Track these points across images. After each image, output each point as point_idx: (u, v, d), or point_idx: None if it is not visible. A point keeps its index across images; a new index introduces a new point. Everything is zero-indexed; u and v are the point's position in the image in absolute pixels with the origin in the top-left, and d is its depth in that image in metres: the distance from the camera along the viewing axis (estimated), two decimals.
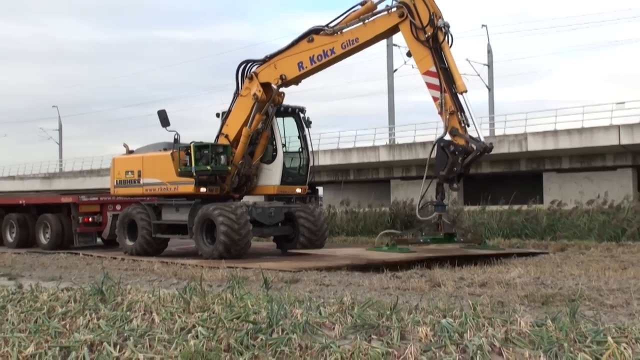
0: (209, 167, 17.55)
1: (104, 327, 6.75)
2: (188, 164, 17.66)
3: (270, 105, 17.82)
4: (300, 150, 18.80)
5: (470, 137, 15.25)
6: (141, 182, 19.04)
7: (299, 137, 18.79)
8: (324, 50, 16.84)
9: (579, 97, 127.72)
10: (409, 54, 16.08)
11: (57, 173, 75.54)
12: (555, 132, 41.24)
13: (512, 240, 20.22)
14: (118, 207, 21.24)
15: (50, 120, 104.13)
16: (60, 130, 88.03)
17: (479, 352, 5.48)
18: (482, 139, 15.27)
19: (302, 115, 18.69)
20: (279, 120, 18.52)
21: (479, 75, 57.71)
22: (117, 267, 15.73)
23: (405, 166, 48.62)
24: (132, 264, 16.48)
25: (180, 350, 5.79)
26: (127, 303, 8.08)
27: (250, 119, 17.78)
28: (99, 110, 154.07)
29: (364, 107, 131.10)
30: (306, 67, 17.16)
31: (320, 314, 7.17)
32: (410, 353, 5.52)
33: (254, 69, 17.88)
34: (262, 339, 6.06)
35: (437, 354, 5.58)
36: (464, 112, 15.53)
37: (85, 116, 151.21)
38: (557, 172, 43.58)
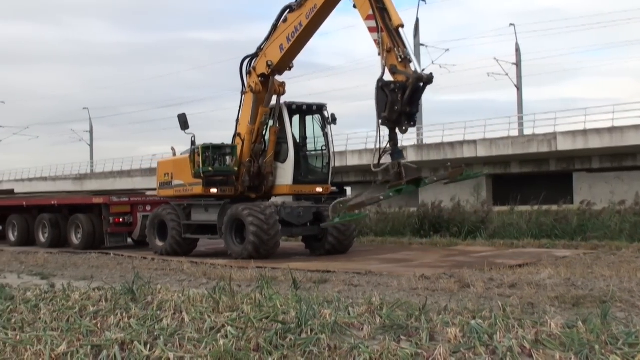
0: (210, 169, 17.79)
1: (135, 326, 6.81)
2: (198, 165, 17.95)
3: (268, 96, 17.83)
4: (323, 149, 18.68)
5: (414, 72, 14.51)
6: (172, 184, 19.31)
7: (322, 135, 18.69)
8: (295, 26, 16.90)
9: (609, 95, 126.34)
10: (354, 6, 15.77)
11: (89, 174, 76.32)
12: (585, 132, 40.88)
13: (542, 241, 20.01)
14: (148, 207, 21.39)
15: (81, 122, 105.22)
16: (91, 131, 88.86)
17: (508, 353, 5.45)
18: (420, 71, 14.55)
19: (324, 112, 18.52)
20: (297, 118, 18.55)
21: (507, 74, 57.36)
22: (147, 267, 15.85)
23: (434, 167, 48.43)
24: (162, 264, 16.59)
25: (210, 349, 5.83)
26: (158, 302, 8.15)
27: (251, 114, 17.86)
28: (130, 111, 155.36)
29: None
30: (285, 48, 17.20)
31: (349, 314, 7.18)
32: (440, 354, 5.51)
33: (252, 63, 18.00)
34: (291, 339, 6.08)
35: (467, 355, 5.56)
36: (405, 48, 14.92)
37: (116, 117, 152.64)
38: (587, 172, 43.20)
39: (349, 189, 52.16)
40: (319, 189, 18.38)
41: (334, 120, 18.47)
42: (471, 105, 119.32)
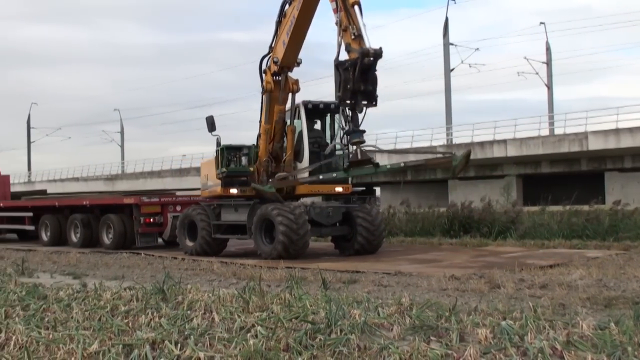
0: (225, 169, 18.15)
1: (166, 326, 6.87)
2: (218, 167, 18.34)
3: (282, 94, 17.94)
4: (343, 148, 18.09)
5: (361, 47, 14.49)
6: (207, 184, 19.54)
7: (343, 135, 18.39)
8: (290, 20, 17.05)
9: None
10: None
11: (119, 174, 77.07)
12: (617, 131, 40.47)
13: (573, 242, 19.83)
14: (178, 208, 21.53)
15: (112, 123, 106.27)
16: (122, 132, 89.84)
17: (539, 355, 5.41)
18: (369, 47, 14.51)
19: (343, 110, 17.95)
20: (316, 117, 18.47)
21: (537, 73, 57.05)
22: (177, 267, 15.95)
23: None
24: (192, 263, 16.68)
25: (240, 349, 5.86)
26: (188, 302, 8.21)
27: (265, 113, 18.05)
28: (160, 112, 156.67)
29: (421, 107, 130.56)
30: (286, 43, 17.30)
31: (379, 314, 7.17)
32: (470, 355, 5.49)
33: (268, 62, 18.16)
34: (320, 339, 6.09)
35: (497, 356, 5.53)
36: (358, 24, 14.91)
37: (147, 118, 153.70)
38: (619, 171, 42.77)
39: (378, 189, 52.11)
40: (339, 189, 18.11)
41: None
42: (501, 104, 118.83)
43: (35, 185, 77.86)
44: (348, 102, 14.72)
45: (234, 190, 18.42)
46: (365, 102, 14.69)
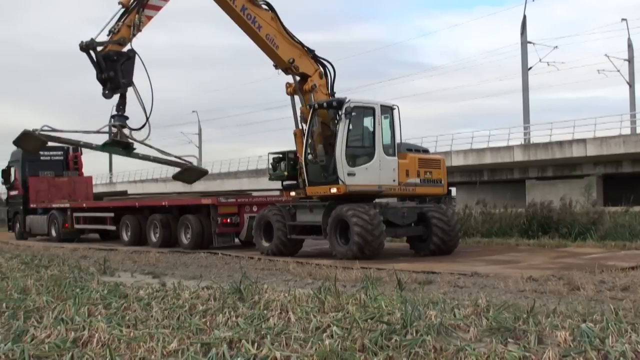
0: (270, 174, 19.02)
1: (242, 325, 6.96)
2: None
3: (300, 96, 18.33)
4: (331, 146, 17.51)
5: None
6: None
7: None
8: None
9: None
10: None
11: None
12: None
13: None
14: (254, 208, 21.72)
15: (190, 125, 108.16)
16: (199, 134, 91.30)
17: (621, 358, 5.30)
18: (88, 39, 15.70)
19: (340, 108, 17.20)
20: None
21: (618, 71, 55.70)
22: (254, 267, 16.10)
23: (541, 166, 47.38)
24: (268, 263, 16.82)
25: (316, 349, 5.89)
26: (264, 302, 8.30)
27: (294, 116, 18.55)
28: (237, 114, 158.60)
29: (497, 106, 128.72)
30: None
31: (455, 316, 7.13)
32: (549, 358, 5.40)
33: None
34: (396, 340, 6.08)
35: (577, 359, 5.43)
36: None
37: (224, 120, 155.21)
38: None
39: (453, 189, 51.65)
40: (334, 190, 17.34)
41: (346, 114, 16.97)
42: (580, 103, 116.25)
43: (116, 186, 79.90)
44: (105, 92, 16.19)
45: (292, 193, 18.76)
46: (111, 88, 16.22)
